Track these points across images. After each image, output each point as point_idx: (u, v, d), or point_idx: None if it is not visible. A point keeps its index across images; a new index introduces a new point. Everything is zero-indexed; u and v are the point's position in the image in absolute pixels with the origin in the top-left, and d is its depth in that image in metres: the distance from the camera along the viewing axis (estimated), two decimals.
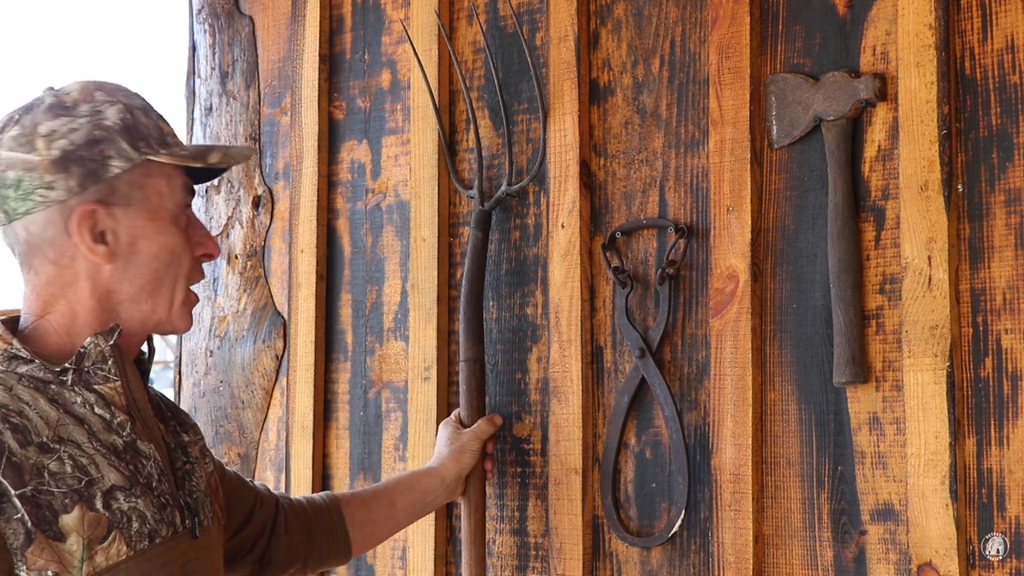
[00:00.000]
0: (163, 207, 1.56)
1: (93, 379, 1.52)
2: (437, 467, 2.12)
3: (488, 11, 2.33)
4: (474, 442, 2.14)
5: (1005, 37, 1.79)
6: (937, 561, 1.76)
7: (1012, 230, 1.77)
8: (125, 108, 1.55)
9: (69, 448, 1.44)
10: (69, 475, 1.42)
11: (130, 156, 1.53)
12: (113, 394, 1.53)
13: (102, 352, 1.52)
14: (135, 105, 1.57)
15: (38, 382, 1.48)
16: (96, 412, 1.51)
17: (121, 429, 1.52)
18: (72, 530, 1.40)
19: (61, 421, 1.46)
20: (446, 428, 2.18)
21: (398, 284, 2.41)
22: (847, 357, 1.85)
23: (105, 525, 1.43)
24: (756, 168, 1.98)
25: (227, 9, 2.74)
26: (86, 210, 1.51)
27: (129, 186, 1.54)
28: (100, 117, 1.53)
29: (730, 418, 1.96)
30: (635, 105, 2.14)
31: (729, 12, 2.01)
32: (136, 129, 1.55)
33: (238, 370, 2.62)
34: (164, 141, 1.57)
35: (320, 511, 1.99)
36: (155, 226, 1.56)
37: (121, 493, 1.46)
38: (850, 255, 1.87)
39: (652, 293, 2.09)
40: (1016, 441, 1.74)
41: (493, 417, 2.19)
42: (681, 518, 2.00)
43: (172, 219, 1.57)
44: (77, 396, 1.50)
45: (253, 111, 2.66)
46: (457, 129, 2.36)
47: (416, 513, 2.10)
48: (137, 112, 1.56)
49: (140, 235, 1.55)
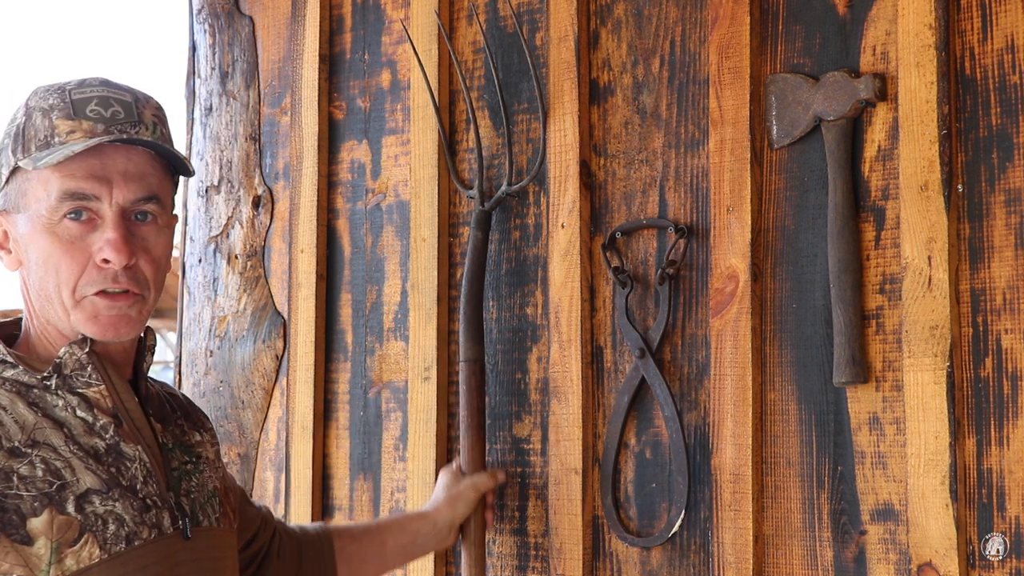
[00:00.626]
0: (39, 214, 1.52)
1: (76, 384, 1.52)
2: (431, 512, 2.12)
3: (488, 11, 2.33)
4: (471, 492, 2.13)
5: (1005, 37, 1.79)
6: (937, 561, 1.76)
7: (1012, 230, 1.77)
8: (27, 111, 1.54)
9: (43, 451, 1.44)
10: (40, 479, 1.42)
11: (9, 163, 1.54)
12: (98, 397, 1.53)
13: (79, 360, 1.52)
14: (39, 106, 1.53)
15: (21, 386, 1.49)
16: (78, 415, 1.51)
17: (104, 432, 1.51)
18: (40, 533, 1.40)
19: (38, 425, 1.46)
20: (445, 474, 2.17)
21: (398, 284, 2.41)
22: (847, 357, 1.85)
23: (76, 528, 1.43)
24: (756, 168, 1.98)
25: (227, 9, 2.74)
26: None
27: (16, 193, 1.54)
28: (11, 125, 1.54)
29: (730, 418, 1.96)
30: (635, 105, 2.14)
31: (729, 12, 2.01)
32: (24, 133, 1.53)
33: (238, 370, 2.62)
34: (47, 143, 1.51)
35: (312, 541, 1.98)
36: (33, 234, 1.53)
37: (97, 496, 1.46)
38: (850, 255, 1.87)
39: (652, 293, 2.09)
40: (1016, 441, 1.74)
41: (495, 472, 2.17)
42: (681, 518, 2.00)
43: (45, 226, 1.51)
44: (59, 399, 1.50)
45: (253, 111, 2.66)
46: (457, 129, 2.36)
47: (406, 555, 2.10)
48: (36, 114, 1.53)
49: (28, 242, 1.54)
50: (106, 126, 1.52)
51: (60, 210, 1.50)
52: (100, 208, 1.52)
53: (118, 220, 1.52)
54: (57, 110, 1.52)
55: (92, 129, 1.51)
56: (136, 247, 1.54)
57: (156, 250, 1.56)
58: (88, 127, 1.51)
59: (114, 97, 1.55)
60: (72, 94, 1.53)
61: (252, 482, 2.57)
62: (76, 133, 1.51)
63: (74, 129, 1.51)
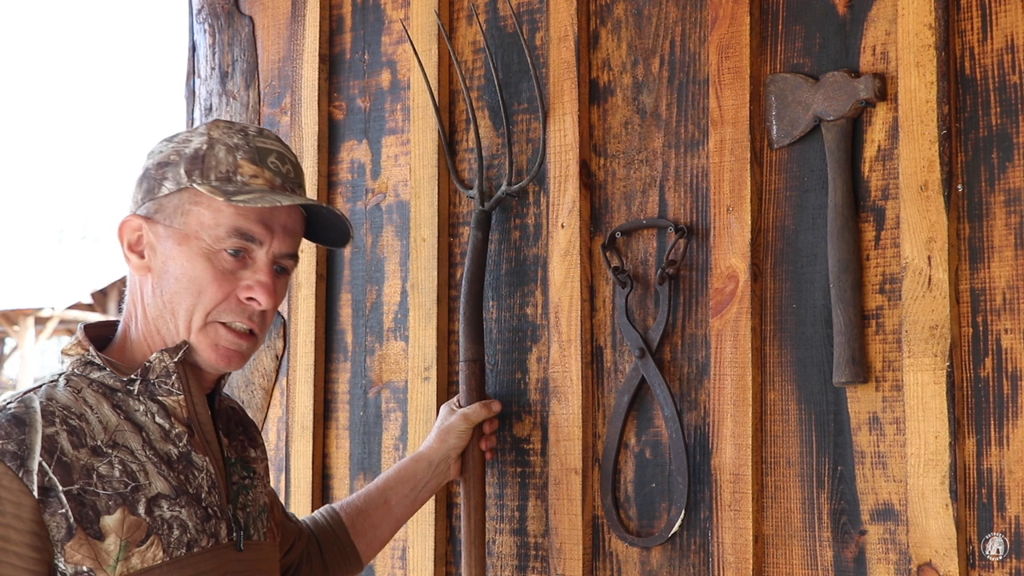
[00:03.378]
0: (198, 236, 1.61)
1: (158, 391, 1.61)
2: (424, 451, 2.13)
3: (488, 11, 2.33)
4: (462, 423, 2.13)
5: (1005, 37, 1.79)
6: (937, 561, 1.76)
7: (1012, 230, 1.77)
8: (209, 140, 1.63)
9: (122, 453, 1.53)
10: (117, 479, 1.51)
11: (180, 180, 1.62)
12: (175, 406, 1.62)
13: (166, 367, 1.61)
14: (224, 141, 1.63)
15: (106, 388, 1.59)
16: (156, 421, 1.60)
17: (178, 440, 1.60)
18: (112, 531, 1.49)
19: (119, 427, 1.56)
20: (443, 410, 2.19)
21: (398, 284, 2.41)
22: (847, 357, 1.85)
23: (144, 529, 1.51)
24: (756, 168, 1.99)
25: (227, 9, 2.74)
26: (129, 220, 1.64)
27: (175, 209, 1.63)
28: (184, 145, 1.64)
29: (730, 418, 1.96)
30: (635, 105, 2.14)
31: (729, 12, 2.01)
32: (204, 159, 1.62)
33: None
34: (228, 178, 1.61)
35: (326, 532, 2.02)
36: (182, 250, 1.62)
37: (166, 501, 1.54)
38: (850, 255, 1.87)
39: (652, 293, 2.09)
40: (1016, 441, 1.74)
41: (490, 402, 2.17)
42: (681, 518, 2.00)
43: (204, 251, 1.61)
44: (140, 405, 1.60)
45: (253, 111, 2.66)
46: (457, 129, 2.37)
47: (413, 503, 2.10)
48: (219, 147, 1.62)
49: (170, 255, 1.62)
50: (282, 181, 1.65)
51: (225, 243, 1.61)
52: (256, 252, 1.64)
53: (270, 267, 1.65)
54: (241, 151, 1.63)
55: (272, 180, 1.64)
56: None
57: (279, 301, 1.69)
58: (269, 177, 1.64)
59: (288, 155, 1.69)
60: (254, 140, 1.65)
61: None
62: (259, 179, 1.63)
63: (257, 175, 1.63)
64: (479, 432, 2.16)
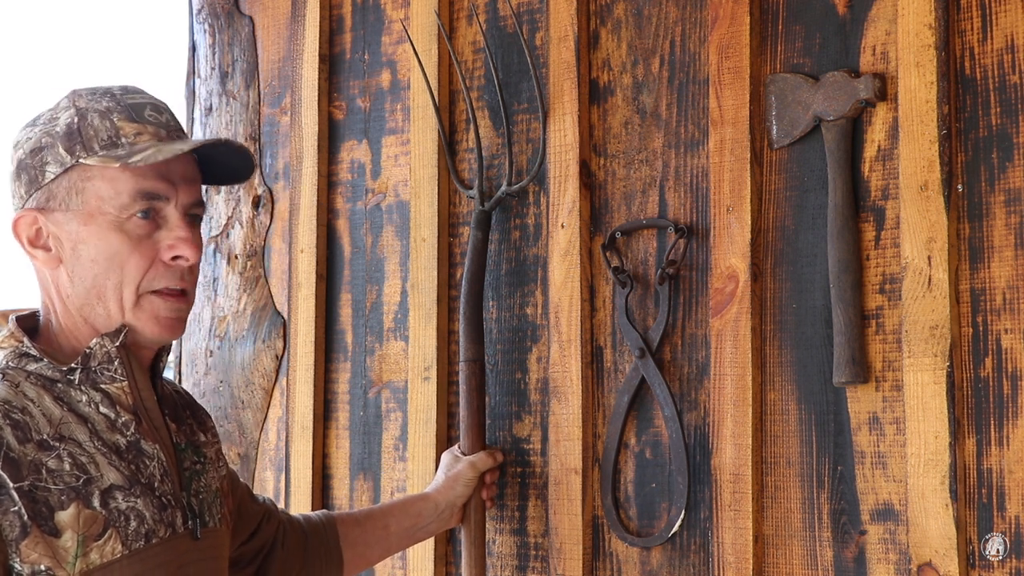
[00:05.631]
0: (102, 211, 1.53)
1: (100, 379, 1.54)
2: (432, 493, 2.13)
3: (488, 11, 2.33)
4: (469, 471, 2.14)
5: (1005, 37, 1.79)
6: (937, 561, 1.76)
7: (1012, 230, 1.77)
8: (78, 112, 1.55)
9: (69, 446, 1.47)
10: (67, 473, 1.45)
11: (63, 160, 1.54)
12: (119, 393, 1.55)
13: (108, 353, 1.54)
14: (94, 108, 1.55)
15: (45, 380, 1.52)
16: (101, 411, 1.53)
17: (125, 428, 1.54)
18: (67, 526, 1.43)
19: (64, 419, 1.49)
20: (446, 456, 2.19)
21: (398, 284, 2.41)
22: (847, 357, 1.85)
23: (101, 523, 1.45)
24: (756, 168, 1.98)
25: (227, 9, 2.74)
26: (22, 217, 1.56)
27: (68, 191, 1.55)
28: (52, 124, 1.56)
29: (730, 418, 1.96)
30: (635, 105, 2.14)
31: (729, 12, 2.01)
32: (80, 132, 1.54)
33: (238, 370, 2.62)
34: (113, 143, 1.54)
35: (316, 529, 2.00)
36: (90, 230, 1.54)
37: (120, 492, 1.48)
38: (850, 255, 1.87)
39: (652, 293, 2.09)
40: (1016, 441, 1.74)
41: (494, 452, 2.18)
42: (681, 518, 2.00)
43: (112, 223, 1.53)
44: (83, 395, 1.53)
45: (253, 111, 2.66)
46: (457, 129, 2.36)
47: (409, 538, 2.11)
48: (92, 115, 1.55)
49: (79, 239, 1.54)
50: (167, 131, 1.57)
51: (132, 208, 1.53)
52: (165, 209, 1.56)
53: (184, 220, 1.57)
54: (116, 113, 1.55)
55: (157, 133, 1.56)
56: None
57: (201, 251, 1.61)
58: (153, 130, 1.56)
59: (160, 104, 1.60)
60: (124, 98, 1.57)
61: (252, 482, 2.58)
62: (144, 136, 1.55)
63: (140, 131, 1.55)
64: (480, 480, 2.16)
